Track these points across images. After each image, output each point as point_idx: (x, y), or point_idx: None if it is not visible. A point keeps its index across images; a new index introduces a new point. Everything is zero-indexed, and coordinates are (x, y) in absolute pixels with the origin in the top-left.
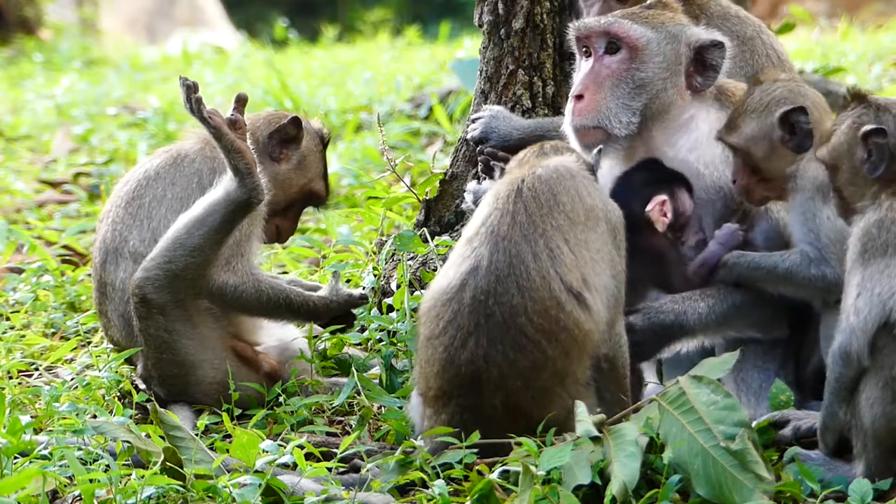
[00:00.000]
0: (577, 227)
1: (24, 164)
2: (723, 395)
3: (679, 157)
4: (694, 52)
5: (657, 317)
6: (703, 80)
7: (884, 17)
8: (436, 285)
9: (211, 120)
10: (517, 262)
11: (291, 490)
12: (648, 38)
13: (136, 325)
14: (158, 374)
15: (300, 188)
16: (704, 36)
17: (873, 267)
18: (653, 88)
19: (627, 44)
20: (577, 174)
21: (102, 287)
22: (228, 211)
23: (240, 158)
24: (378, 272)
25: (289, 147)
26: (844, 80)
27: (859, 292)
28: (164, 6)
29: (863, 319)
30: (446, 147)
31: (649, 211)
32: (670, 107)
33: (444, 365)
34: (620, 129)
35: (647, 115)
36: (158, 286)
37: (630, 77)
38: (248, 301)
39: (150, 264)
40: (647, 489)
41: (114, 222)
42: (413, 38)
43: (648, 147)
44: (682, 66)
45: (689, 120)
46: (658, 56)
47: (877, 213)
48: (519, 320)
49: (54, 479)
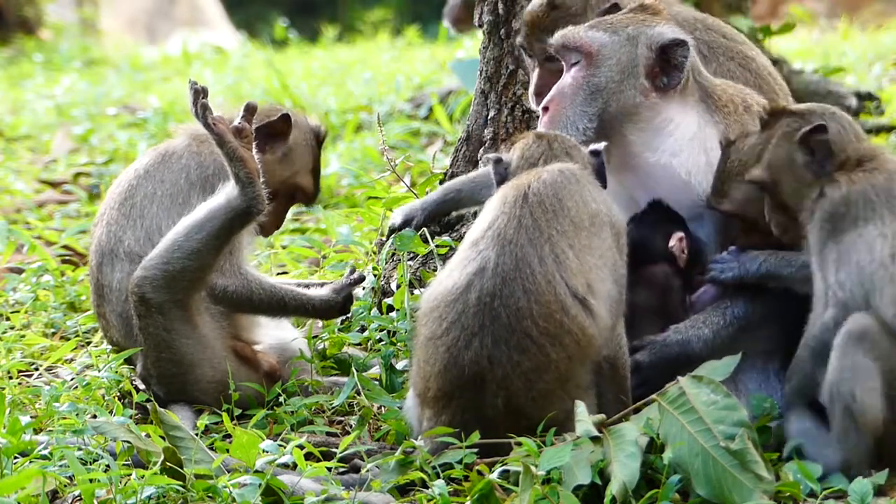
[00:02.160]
0: (582, 233)
1: (24, 164)
2: (722, 395)
3: (661, 162)
4: (656, 51)
5: (662, 350)
6: (668, 79)
7: (884, 17)
8: (439, 287)
9: (215, 127)
10: (523, 266)
11: (291, 490)
12: (602, 43)
13: (136, 323)
14: (157, 373)
15: (283, 180)
16: (668, 35)
17: (847, 240)
18: (608, 92)
19: (582, 51)
20: (582, 179)
21: (100, 289)
22: (228, 218)
23: (241, 167)
24: (378, 272)
25: (274, 141)
26: (844, 80)
27: (838, 267)
28: (164, 6)
29: (849, 291)
30: (446, 147)
31: (672, 246)
32: (637, 108)
33: (446, 365)
34: (578, 136)
35: (605, 119)
36: (156, 286)
37: (586, 83)
38: (239, 301)
39: (149, 264)
40: (647, 489)
41: (108, 224)
42: (413, 38)
43: (625, 151)
44: (641, 67)
45: (668, 122)
46: (611, 59)
47: (839, 191)
48: (524, 323)
49: (54, 479)
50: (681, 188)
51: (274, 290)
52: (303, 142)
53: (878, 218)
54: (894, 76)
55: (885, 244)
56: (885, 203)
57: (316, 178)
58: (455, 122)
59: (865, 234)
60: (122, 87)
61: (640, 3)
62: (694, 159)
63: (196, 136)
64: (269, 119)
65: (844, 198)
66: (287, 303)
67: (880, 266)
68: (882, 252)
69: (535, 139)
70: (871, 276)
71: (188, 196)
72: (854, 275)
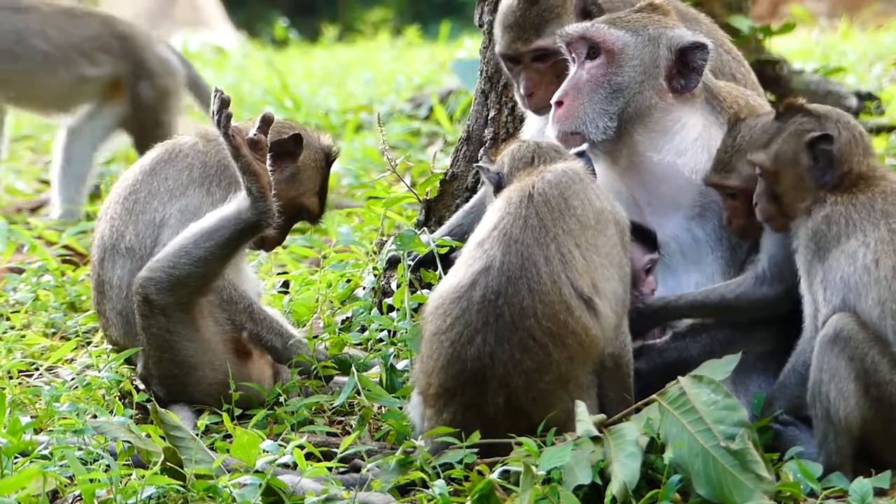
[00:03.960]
0: (588, 232)
1: (24, 164)
2: (723, 395)
3: (665, 161)
4: (676, 54)
5: (661, 356)
6: (685, 82)
7: (884, 17)
8: (444, 285)
9: (233, 139)
10: (529, 265)
11: (292, 490)
12: (625, 42)
13: (139, 322)
14: (159, 373)
15: (289, 200)
16: (687, 38)
17: (831, 258)
18: (629, 92)
19: (604, 48)
20: (586, 178)
21: (100, 286)
22: (237, 229)
23: (254, 181)
24: (378, 272)
25: (283, 160)
26: (844, 80)
27: (825, 287)
28: (164, 6)
29: (834, 309)
30: (446, 147)
31: (645, 269)
32: (651, 110)
33: (449, 360)
34: (597, 134)
35: (624, 119)
36: (161, 288)
37: (607, 81)
38: (235, 314)
39: (155, 265)
40: (648, 489)
41: (111, 219)
42: (413, 38)
43: (631, 151)
44: (661, 69)
45: (675, 123)
46: (635, 59)
47: (823, 210)
48: (527, 322)
49: (54, 479)
50: (684, 187)
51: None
52: (312, 163)
53: (859, 231)
54: (894, 76)
55: (867, 252)
56: (867, 218)
57: (322, 200)
58: (455, 122)
59: (847, 248)
60: None
61: (649, 2)
62: (697, 158)
63: (204, 135)
64: (279, 138)
65: (826, 217)
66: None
67: (864, 271)
68: (865, 259)
69: (522, 142)
70: (855, 285)
71: (186, 189)
72: (840, 290)
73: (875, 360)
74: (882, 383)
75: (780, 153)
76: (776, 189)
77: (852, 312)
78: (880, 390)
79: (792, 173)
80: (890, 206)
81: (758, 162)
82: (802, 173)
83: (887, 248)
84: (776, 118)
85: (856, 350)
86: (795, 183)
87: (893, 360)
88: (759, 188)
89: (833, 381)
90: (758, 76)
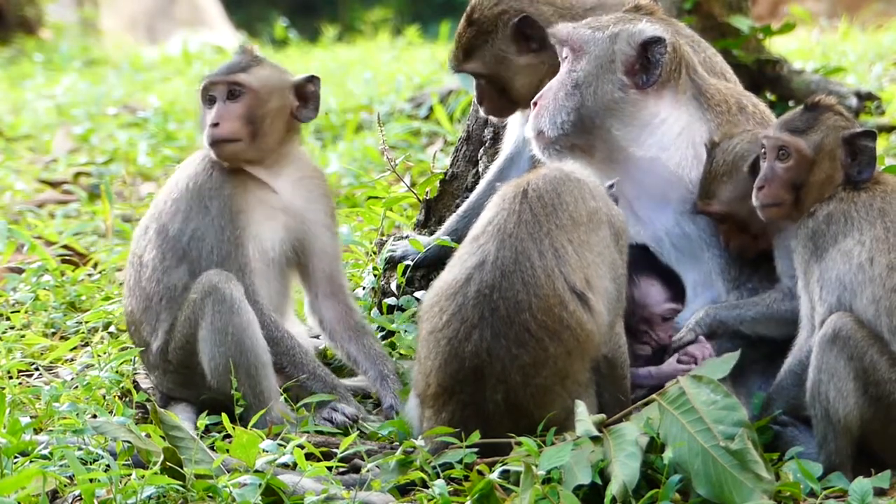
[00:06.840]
0: (580, 228)
1: (24, 164)
2: (722, 394)
3: (648, 157)
4: (637, 49)
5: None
6: (646, 76)
7: (884, 17)
8: (439, 283)
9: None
10: (523, 259)
11: (292, 490)
12: (585, 39)
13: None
14: (176, 361)
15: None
16: (648, 32)
17: (828, 258)
18: (587, 87)
19: (570, 47)
20: (582, 178)
21: (133, 257)
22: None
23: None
24: (378, 272)
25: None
26: (844, 80)
27: (821, 286)
28: (164, 6)
29: (830, 309)
30: (446, 147)
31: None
32: (618, 104)
33: (446, 358)
34: (552, 130)
35: (584, 114)
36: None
37: (569, 78)
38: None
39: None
40: (648, 489)
41: (155, 203)
42: (413, 38)
43: (611, 146)
44: (618, 63)
45: (654, 118)
46: (591, 55)
47: (825, 209)
48: (522, 316)
49: (54, 478)
50: (671, 181)
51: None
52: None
53: (855, 230)
54: (895, 76)
55: (862, 250)
56: (865, 216)
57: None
58: (455, 122)
59: (843, 246)
60: (123, 86)
61: (635, 3)
62: (682, 153)
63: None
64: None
65: (828, 216)
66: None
67: (859, 270)
68: (860, 257)
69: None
70: (850, 283)
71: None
72: (835, 289)
73: (874, 359)
74: (881, 382)
75: (823, 143)
76: (806, 178)
77: (849, 311)
78: (879, 389)
79: (829, 165)
80: (887, 205)
81: (798, 147)
82: (836, 168)
83: (882, 246)
84: (807, 109)
85: (855, 349)
86: (827, 176)
87: (892, 359)
88: (781, 171)
89: (832, 381)
90: (758, 76)
